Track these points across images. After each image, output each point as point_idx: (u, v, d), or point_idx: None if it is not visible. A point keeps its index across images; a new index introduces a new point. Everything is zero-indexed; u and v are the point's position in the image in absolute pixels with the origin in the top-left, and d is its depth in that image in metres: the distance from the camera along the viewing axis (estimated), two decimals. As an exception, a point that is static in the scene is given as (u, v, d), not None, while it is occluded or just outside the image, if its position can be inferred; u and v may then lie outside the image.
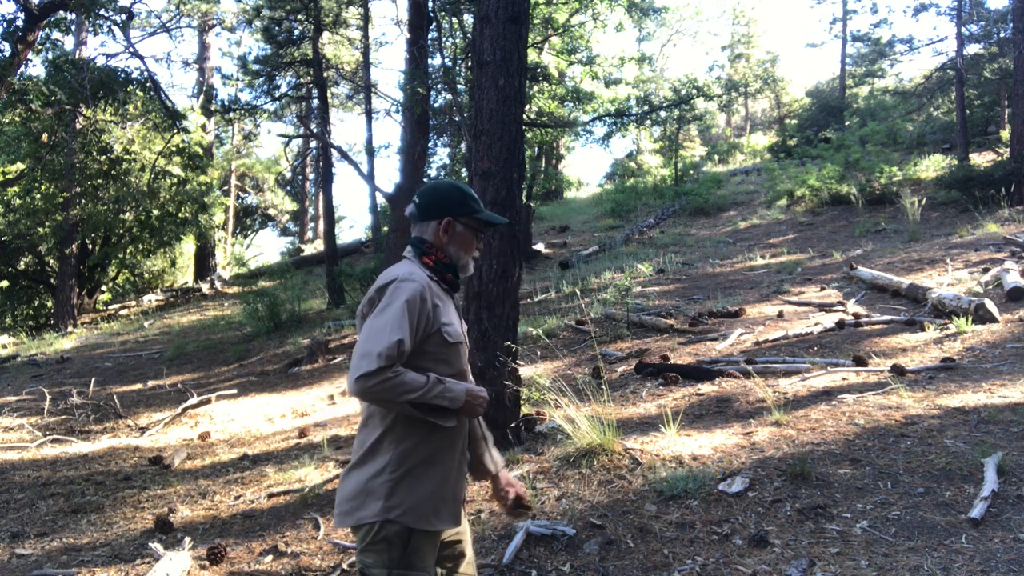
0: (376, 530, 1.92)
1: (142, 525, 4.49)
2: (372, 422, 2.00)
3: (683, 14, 37.64)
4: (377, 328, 1.86)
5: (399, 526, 1.92)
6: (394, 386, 1.82)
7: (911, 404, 4.48)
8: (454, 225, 2.10)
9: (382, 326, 1.86)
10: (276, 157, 29.90)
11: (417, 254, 2.09)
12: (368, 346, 1.83)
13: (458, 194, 2.12)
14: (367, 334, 1.87)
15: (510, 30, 4.73)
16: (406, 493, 1.93)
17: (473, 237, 2.14)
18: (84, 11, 10.44)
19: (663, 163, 27.37)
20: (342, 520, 1.97)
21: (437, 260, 2.08)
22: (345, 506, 1.97)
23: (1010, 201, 11.80)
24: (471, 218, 2.12)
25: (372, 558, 1.94)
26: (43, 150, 14.92)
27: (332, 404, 7.60)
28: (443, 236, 2.10)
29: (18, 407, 8.63)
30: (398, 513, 1.91)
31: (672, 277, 11.15)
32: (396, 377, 1.82)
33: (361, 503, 1.94)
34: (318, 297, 15.44)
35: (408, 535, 1.93)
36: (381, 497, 1.92)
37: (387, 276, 1.99)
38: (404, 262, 2.08)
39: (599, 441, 4.17)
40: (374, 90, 17.35)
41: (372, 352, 1.81)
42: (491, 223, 2.18)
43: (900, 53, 20.78)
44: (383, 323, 1.87)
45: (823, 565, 2.89)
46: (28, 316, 18.27)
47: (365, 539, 1.94)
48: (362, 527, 1.94)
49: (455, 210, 2.10)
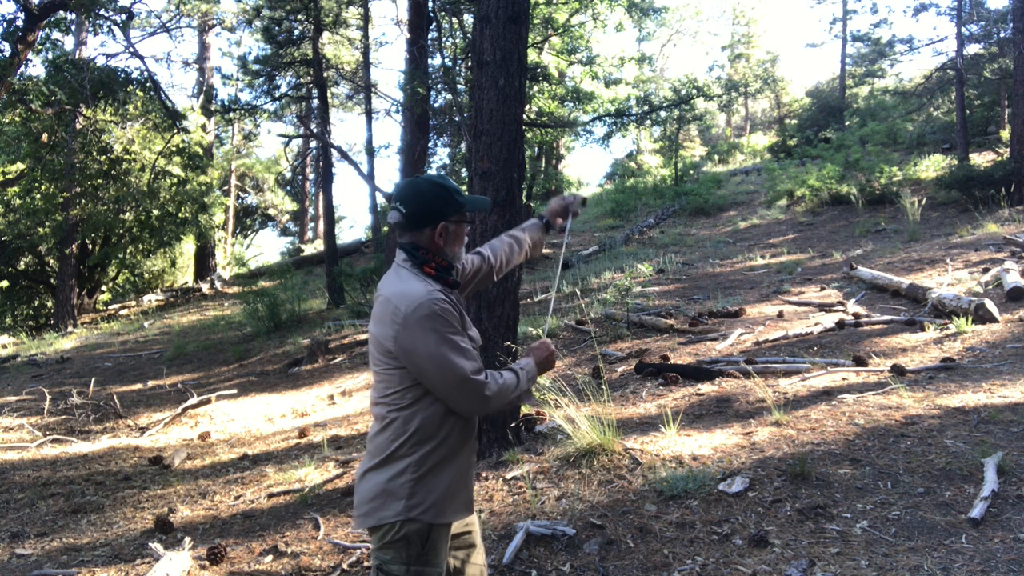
0: (397, 529, 1.95)
1: (142, 525, 4.49)
2: (393, 426, 2.00)
3: (683, 14, 37.64)
4: (442, 355, 1.93)
5: (420, 524, 1.95)
6: (502, 397, 2.02)
7: (911, 404, 4.48)
8: (447, 227, 2.07)
9: (444, 354, 1.93)
10: (276, 157, 29.89)
11: (417, 264, 2.03)
12: (453, 379, 1.94)
13: (443, 193, 2.05)
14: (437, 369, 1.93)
15: (510, 30, 4.73)
16: (426, 492, 1.97)
17: (463, 228, 2.15)
18: (84, 11, 10.44)
19: (663, 163, 27.37)
20: (363, 521, 1.99)
21: (437, 266, 2.06)
22: (365, 507, 1.99)
23: (1010, 201, 11.80)
24: (460, 213, 2.10)
25: (391, 555, 1.96)
26: (43, 150, 14.91)
27: (332, 404, 7.60)
28: (439, 241, 2.06)
29: (18, 407, 8.63)
30: (419, 512, 1.95)
31: (672, 277, 11.15)
32: (494, 385, 1.99)
33: (381, 504, 1.96)
34: (318, 297, 15.45)
35: (428, 532, 1.97)
36: (403, 497, 1.95)
37: (405, 301, 1.94)
38: (407, 276, 2.02)
39: (599, 441, 4.17)
40: (374, 90, 17.35)
41: (461, 377, 1.94)
42: (478, 209, 2.19)
43: (900, 53, 20.77)
44: (443, 352, 1.92)
45: (823, 565, 2.89)
46: (28, 316, 18.29)
47: (384, 538, 1.96)
48: (382, 527, 1.96)
49: (446, 213, 2.06)
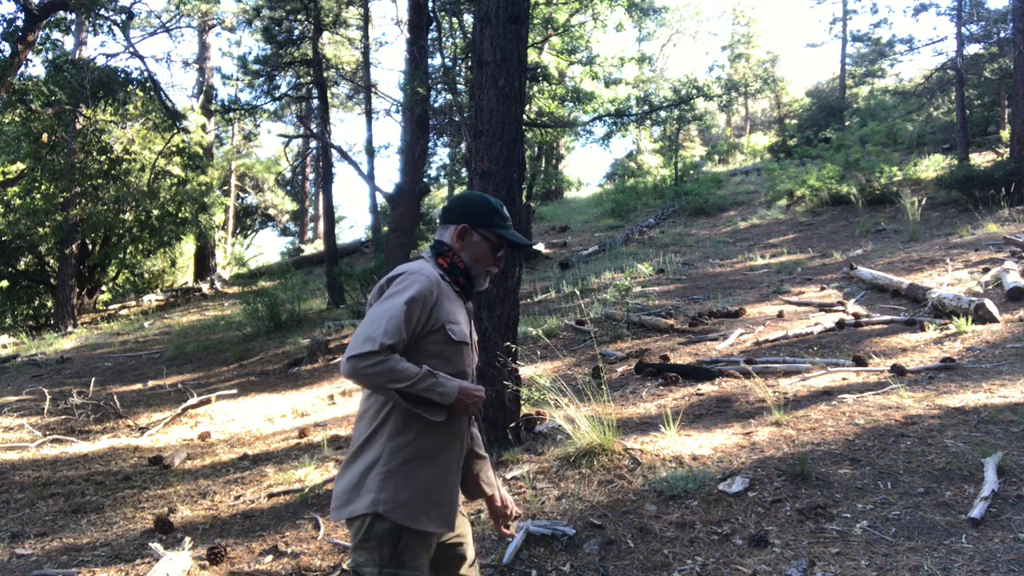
0: (367, 526, 1.92)
1: (142, 525, 4.49)
2: (368, 415, 2.01)
3: (683, 14, 37.67)
4: (379, 314, 1.90)
5: (389, 523, 1.91)
6: (384, 371, 1.83)
7: (911, 404, 4.48)
8: (470, 233, 2.11)
9: (383, 312, 1.90)
10: (276, 157, 29.90)
11: (434, 254, 2.13)
12: (367, 330, 1.87)
13: (484, 205, 2.13)
14: (369, 319, 1.91)
15: (510, 30, 4.73)
16: (396, 488, 1.92)
17: (490, 251, 2.13)
18: (84, 11, 10.44)
19: (663, 163, 27.37)
20: (336, 513, 1.99)
21: (451, 263, 2.09)
22: (339, 499, 1.98)
23: (1010, 201, 11.80)
24: (489, 230, 2.11)
25: (364, 556, 1.94)
26: (43, 150, 14.91)
27: (332, 404, 7.60)
28: (457, 241, 2.12)
29: (18, 407, 8.63)
30: (387, 508, 1.90)
31: (672, 277, 11.15)
32: (387, 362, 1.84)
33: (353, 496, 1.94)
34: (318, 297, 15.45)
35: (398, 533, 1.92)
36: (372, 490, 1.92)
37: (399, 268, 2.04)
38: (419, 259, 2.12)
39: (599, 441, 4.17)
40: (374, 90, 17.35)
41: (370, 336, 1.85)
42: (512, 242, 2.15)
43: (900, 53, 20.77)
44: (385, 309, 1.90)
45: (823, 565, 2.89)
46: (28, 316, 18.28)
47: (357, 535, 1.95)
48: (355, 521, 1.94)
49: (473, 219, 2.11)
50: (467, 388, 1.97)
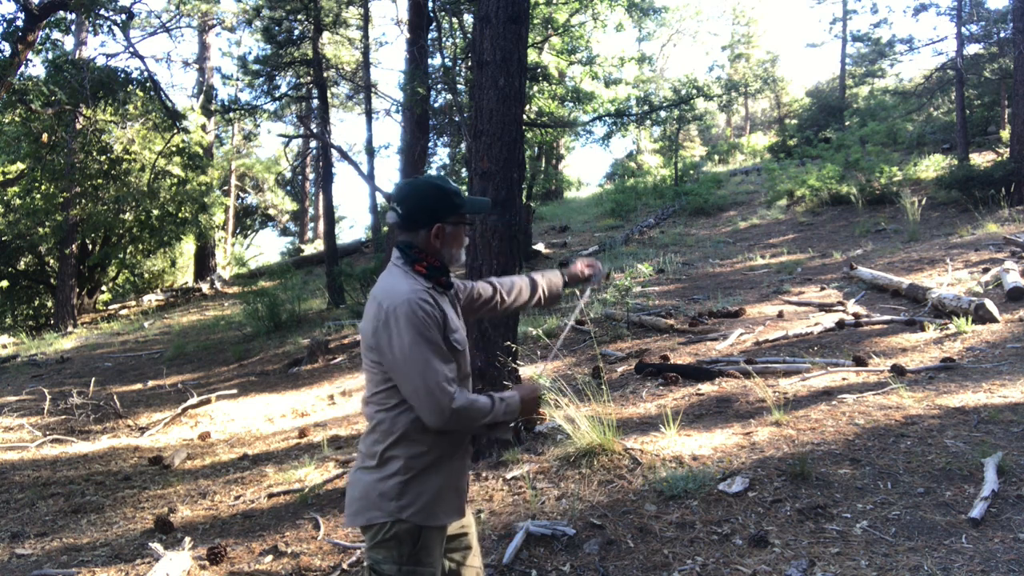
0: (387, 529, 1.95)
1: (142, 525, 4.49)
2: (381, 427, 2.01)
3: (683, 14, 37.65)
4: (415, 364, 1.89)
5: (410, 524, 1.95)
6: (469, 418, 1.95)
7: (911, 404, 4.48)
8: (444, 229, 2.05)
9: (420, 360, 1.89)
10: (276, 157, 29.88)
11: (408, 262, 2.03)
12: (423, 383, 1.89)
13: (441, 194, 2.05)
14: (413, 374, 1.90)
15: (510, 30, 4.73)
16: (416, 493, 1.97)
17: (463, 231, 2.13)
18: (84, 11, 10.45)
19: (663, 163, 27.37)
20: (353, 519, 2.01)
21: (429, 266, 2.04)
22: (355, 506, 2.00)
23: (1010, 201, 11.80)
24: (456, 215, 2.08)
25: (383, 554, 1.97)
26: (43, 150, 14.92)
27: (332, 404, 7.60)
28: (435, 242, 2.05)
29: (18, 407, 8.63)
30: (409, 512, 1.95)
31: (672, 277, 11.15)
32: (467, 409, 1.93)
33: (371, 503, 1.97)
34: (318, 297, 15.44)
35: (418, 532, 1.97)
36: (392, 497, 1.95)
37: (388, 298, 1.95)
38: (397, 274, 2.03)
39: (599, 441, 4.17)
40: (374, 90, 17.35)
41: (432, 391, 1.88)
42: (477, 212, 2.17)
43: (900, 53, 20.77)
44: (418, 357, 1.89)
45: (823, 565, 2.89)
46: (28, 316, 18.29)
47: (376, 537, 1.97)
48: (372, 526, 1.97)
49: (442, 214, 2.04)
50: (526, 395, 2.07)
